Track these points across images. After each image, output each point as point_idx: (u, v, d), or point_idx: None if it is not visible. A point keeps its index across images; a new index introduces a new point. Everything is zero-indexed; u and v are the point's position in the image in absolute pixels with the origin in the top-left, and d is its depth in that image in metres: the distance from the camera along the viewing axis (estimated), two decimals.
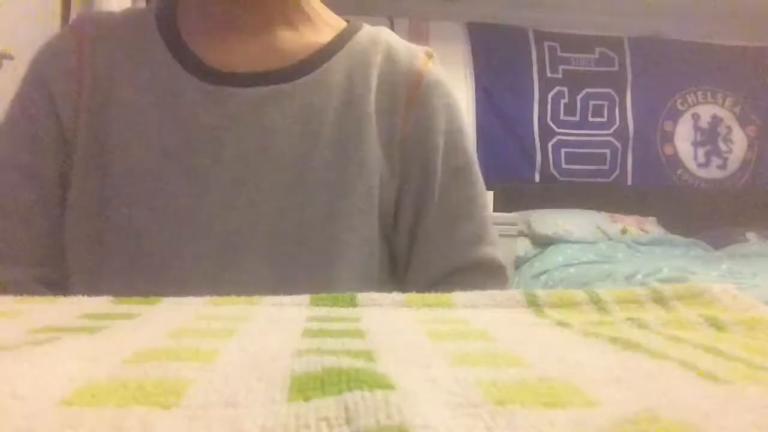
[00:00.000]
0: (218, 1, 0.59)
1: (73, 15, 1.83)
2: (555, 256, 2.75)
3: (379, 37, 0.63)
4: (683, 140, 3.73)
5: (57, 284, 0.56)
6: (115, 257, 0.55)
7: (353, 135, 0.57)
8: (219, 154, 0.55)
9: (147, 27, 0.60)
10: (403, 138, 0.59)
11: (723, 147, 3.76)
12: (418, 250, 0.61)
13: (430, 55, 0.64)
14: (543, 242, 2.97)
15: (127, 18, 0.61)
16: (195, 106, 0.56)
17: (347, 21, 0.65)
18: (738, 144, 3.77)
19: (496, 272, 0.62)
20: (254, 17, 0.59)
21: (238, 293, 0.48)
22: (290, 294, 0.39)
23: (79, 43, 0.59)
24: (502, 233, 2.68)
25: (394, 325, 0.31)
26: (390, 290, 0.39)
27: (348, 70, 0.59)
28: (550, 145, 3.60)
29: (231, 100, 0.56)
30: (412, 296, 0.37)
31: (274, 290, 0.52)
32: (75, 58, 0.58)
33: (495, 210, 3.21)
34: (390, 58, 0.61)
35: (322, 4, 0.65)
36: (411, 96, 0.60)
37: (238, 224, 0.55)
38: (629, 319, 0.32)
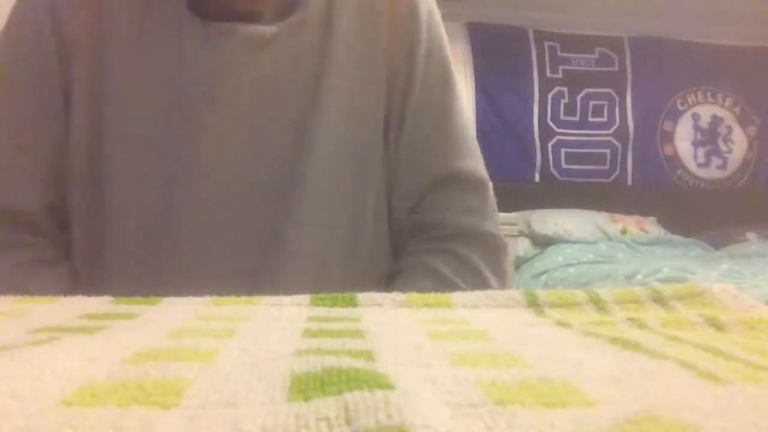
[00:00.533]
0: None
1: None
2: (555, 256, 2.75)
3: None
4: (683, 140, 3.72)
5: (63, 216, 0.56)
6: (113, 198, 0.54)
7: (343, 71, 0.58)
8: (214, 97, 0.55)
9: None
10: (389, 57, 0.60)
11: (723, 147, 3.75)
12: (398, 165, 0.61)
13: None
14: (543, 242, 2.96)
15: None
16: (193, 48, 0.55)
17: None
18: (738, 144, 3.76)
19: (478, 184, 0.63)
20: None
21: (236, 238, 0.49)
22: (293, 234, 0.38)
23: None
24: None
25: (394, 325, 0.31)
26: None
27: (328, 2, 0.59)
28: (550, 145, 3.59)
29: (224, 43, 0.55)
30: (412, 296, 0.38)
31: (273, 232, 0.53)
32: None
33: None
34: None
35: None
36: (392, 11, 0.61)
37: (235, 168, 0.55)
38: (629, 319, 0.32)
